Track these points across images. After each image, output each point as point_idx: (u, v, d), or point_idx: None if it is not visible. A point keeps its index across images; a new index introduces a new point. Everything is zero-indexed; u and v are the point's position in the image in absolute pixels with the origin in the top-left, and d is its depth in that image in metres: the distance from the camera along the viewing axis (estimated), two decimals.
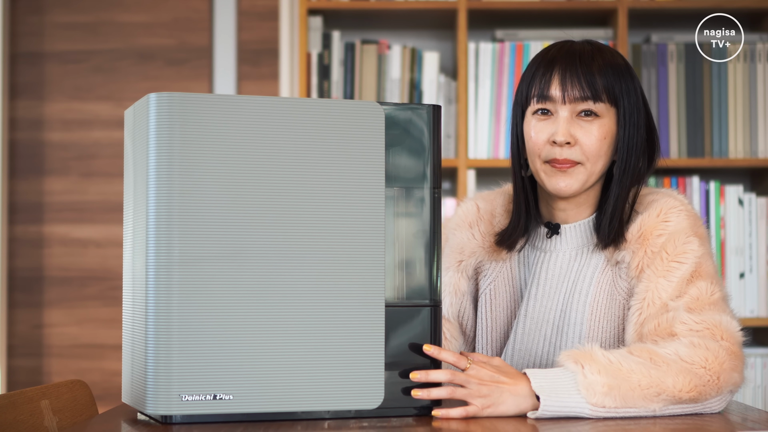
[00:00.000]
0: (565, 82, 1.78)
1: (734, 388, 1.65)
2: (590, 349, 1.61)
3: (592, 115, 1.78)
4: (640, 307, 1.73)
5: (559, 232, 1.85)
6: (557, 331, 1.83)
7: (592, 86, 1.77)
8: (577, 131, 1.78)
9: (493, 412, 1.58)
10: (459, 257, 1.92)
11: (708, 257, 1.76)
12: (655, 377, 1.58)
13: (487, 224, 1.92)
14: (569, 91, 1.77)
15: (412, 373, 1.57)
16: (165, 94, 1.50)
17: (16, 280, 3.64)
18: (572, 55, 1.80)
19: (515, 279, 1.90)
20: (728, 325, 1.67)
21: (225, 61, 3.64)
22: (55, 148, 3.66)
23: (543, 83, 1.79)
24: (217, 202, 1.50)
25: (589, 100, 1.77)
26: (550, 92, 1.79)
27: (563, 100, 1.78)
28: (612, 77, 1.79)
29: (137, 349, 1.54)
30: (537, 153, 1.80)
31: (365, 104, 1.57)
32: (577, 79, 1.77)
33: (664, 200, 1.79)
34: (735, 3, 3.25)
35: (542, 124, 1.80)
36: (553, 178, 1.79)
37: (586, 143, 1.78)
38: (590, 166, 1.79)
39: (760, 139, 3.23)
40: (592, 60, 1.79)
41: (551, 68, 1.80)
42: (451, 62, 3.43)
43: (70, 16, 3.66)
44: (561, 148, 1.78)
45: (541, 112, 1.80)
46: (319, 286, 1.53)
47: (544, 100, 1.79)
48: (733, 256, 3.22)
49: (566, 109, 1.78)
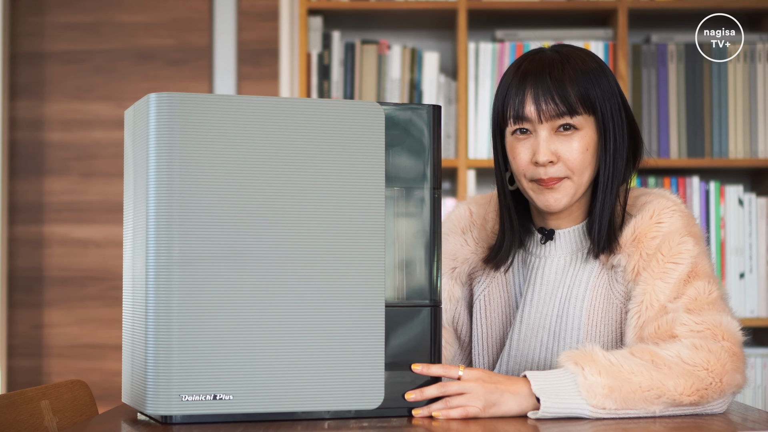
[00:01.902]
0: (538, 100, 1.74)
1: (737, 389, 1.65)
2: (591, 350, 1.60)
3: (572, 128, 1.75)
4: (639, 310, 1.72)
5: (554, 237, 1.85)
6: (554, 337, 1.82)
7: (565, 101, 1.74)
8: (559, 147, 1.75)
9: (496, 412, 1.57)
10: (452, 264, 1.91)
11: (704, 256, 1.75)
12: (657, 379, 1.58)
13: (479, 229, 1.92)
14: (544, 110, 1.74)
15: (406, 394, 1.57)
16: (165, 94, 1.50)
17: (16, 280, 3.64)
18: (542, 69, 1.76)
19: (510, 285, 1.90)
20: (729, 324, 1.67)
21: (225, 61, 3.64)
22: (55, 148, 3.66)
23: (517, 103, 1.76)
24: (217, 202, 1.50)
25: (565, 115, 1.74)
26: (525, 112, 1.75)
27: (539, 119, 1.75)
28: (585, 84, 1.75)
29: (137, 349, 1.54)
30: (522, 174, 1.78)
31: (365, 104, 1.56)
32: (549, 95, 1.74)
33: (657, 201, 1.78)
34: (735, 3, 3.25)
35: (522, 145, 1.77)
36: (542, 196, 1.78)
37: (569, 158, 1.75)
38: (577, 178, 1.77)
39: (760, 139, 3.23)
40: (563, 71, 1.75)
41: (523, 86, 1.76)
42: (451, 62, 3.43)
43: (70, 16, 3.66)
44: (545, 168, 1.76)
45: (520, 131, 1.78)
46: (319, 286, 1.53)
47: (521, 121, 1.76)
48: (733, 256, 3.22)
49: (544, 127, 1.75)
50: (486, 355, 1.90)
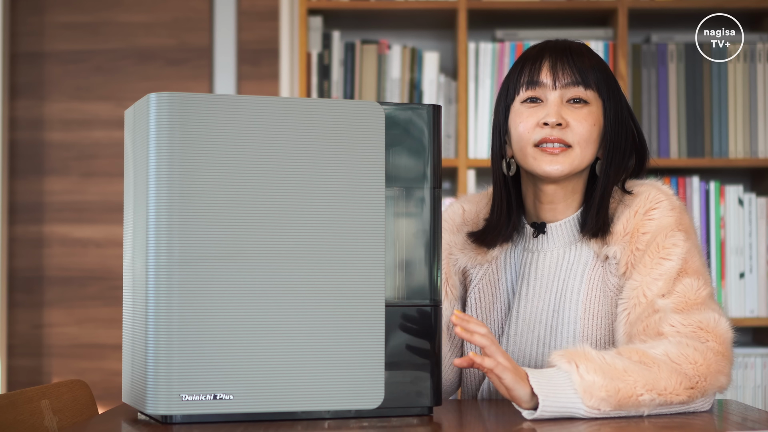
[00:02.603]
0: (555, 68, 1.79)
1: (719, 390, 1.65)
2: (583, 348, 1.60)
3: (581, 102, 1.79)
4: (628, 306, 1.73)
5: (545, 231, 1.85)
6: (550, 331, 1.82)
7: (582, 72, 1.79)
8: (568, 115, 1.79)
9: (511, 383, 1.54)
10: (445, 261, 1.91)
11: (694, 251, 1.75)
12: (650, 379, 1.58)
13: (471, 228, 1.92)
14: (560, 76, 1.79)
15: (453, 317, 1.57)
16: (165, 94, 1.50)
17: (16, 280, 3.64)
18: (562, 46, 1.82)
19: (501, 281, 1.90)
20: (716, 324, 1.67)
21: (225, 61, 3.64)
22: (55, 148, 3.66)
23: (533, 70, 1.81)
24: (217, 202, 1.50)
25: (579, 85, 1.79)
26: (540, 78, 1.80)
27: (554, 86, 1.79)
28: (600, 75, 1.81)
29: (137, 349, 1.54)
30: (527, 138, 1.79)
31: (365, 104, 1.57)
32: (568, 65, 1.79)
33: (648, 192, 1.79)
34: (735, 3, 3.25)
35: (532, 110, 1.80)
36: (543, 162, 1.78)
37: (576, 127, 1.78)
38: (580, 150, 1.79)
39: (760, 139, 3.23)
40: (582, 54, 1.81)
41: (541, 57, 1.81)
42: (451, 62, 3.43)
43: (70, 16, 3.66)
44: (552, 129, 1.78)
45: (530, 100, 1.81)
46: (319, 286, 1.53)
47: (534, 87, 1.80)
48: (733, 256, 3.22)
49: (556, 94, 1.79)
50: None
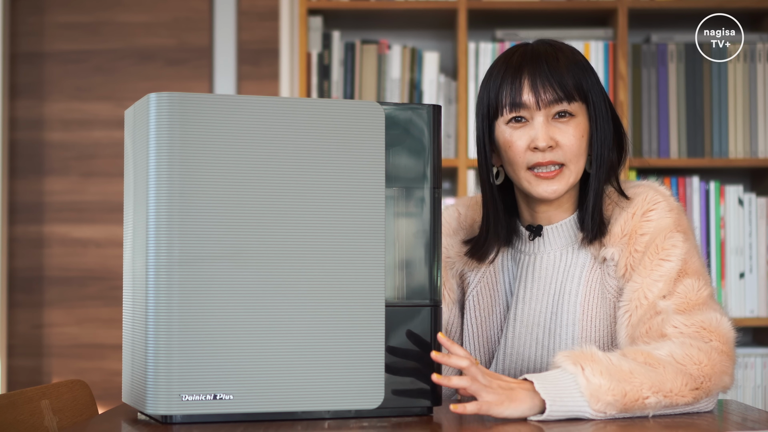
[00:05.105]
0: (536, 87, 1.76)
1: (723, 390, 1.66)
2: (589, 349, 1.60)
3: (567, 115, 1.77)
4: (629, 308, 1.72)
5: (542, 233, 1.85)
6: (549, 334, 1.82)
7: (563, 87, 1.76)
8: (556, 134, 1.77)
9: (504, 411, 1.54)
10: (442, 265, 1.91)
11: (693, 252, 1.75)
12: (656, 381, 1.58)
13: (467, 232, 1.92)
14: (542, 96, 1.76)
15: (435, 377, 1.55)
16: (165, 94, 1.50)
17: (16, 280, 3.64)
18: (537, 58, 1.78)
19: (499, 284, 1.89)
20: (719, 324, 1.67)
21: (225, 61, 3.64)
22: (55, 148, 3.66)
23: (513, 91, 1.77)
24: (217, 202, 1.50)
25: (563, 101, 1.76)
26: (522, 99, 1.77)
27: (537, 106, 1.76)
28: (578, 73, 1.78)
29: (137, 349, 1.54)
30: (519, 162, 1.78)
31: (365, 104, 1.57)
32: (548, 82, 1.76)
33: (645, 194, 1.78)
34: (735, 3, 3.25)
35: (519, 132, 1.78)
36: (538, 187, 1.78)
37: (566, 144, 1.77)
38: (573, 166, 1.78)
39: (760, 139, 3.23)
40: (557, 60, 1.78)
41: (519, 75, 1.77)
42: (451, 62, 3.43)
43: (70, 16, 3.66)
44: (543, 153, 1.77)
45: (515, 120, 1.79)
46: (319, 286, 1.53)
47: (517, 108, 1.77)
48: (733, 256, 3.22)
49: (541, 114, 1.77)
50: (477, 355, 1.90)
